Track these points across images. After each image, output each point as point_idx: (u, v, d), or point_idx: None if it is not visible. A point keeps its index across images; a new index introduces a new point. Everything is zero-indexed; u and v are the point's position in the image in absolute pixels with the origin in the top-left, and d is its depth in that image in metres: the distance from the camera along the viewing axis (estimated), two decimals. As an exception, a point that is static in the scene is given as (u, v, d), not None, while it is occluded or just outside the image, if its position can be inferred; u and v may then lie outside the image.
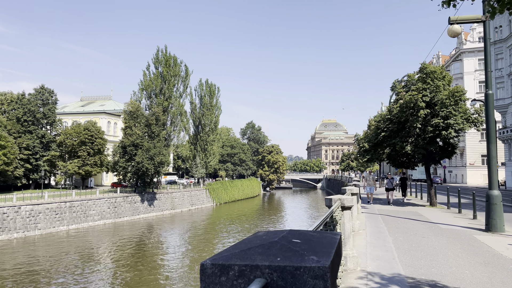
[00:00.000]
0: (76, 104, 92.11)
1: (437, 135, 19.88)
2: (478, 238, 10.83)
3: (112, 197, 48.44)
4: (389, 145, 22.15)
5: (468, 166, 63.68)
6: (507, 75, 47.01)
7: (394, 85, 23.36)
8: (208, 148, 74.30)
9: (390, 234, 11.51)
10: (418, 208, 21.22)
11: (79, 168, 57.08)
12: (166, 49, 63.11)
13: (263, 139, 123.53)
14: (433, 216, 16.98)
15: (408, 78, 22.26)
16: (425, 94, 19.37)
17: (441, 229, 12.92)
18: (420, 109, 19.06)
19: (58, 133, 61.70)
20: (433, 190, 21.89)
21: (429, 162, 21.59)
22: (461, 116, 19.17)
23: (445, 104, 19.05)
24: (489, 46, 12.32)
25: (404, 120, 20.35)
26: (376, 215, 17.40)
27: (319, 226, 3.34)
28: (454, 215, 17.46)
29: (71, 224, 42.78)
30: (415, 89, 19.76)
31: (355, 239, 10.24)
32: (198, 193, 67.25)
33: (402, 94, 21.66)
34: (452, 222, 14.88)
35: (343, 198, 6.22)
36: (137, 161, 50.35)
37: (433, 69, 20.00)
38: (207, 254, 33.61)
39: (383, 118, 22.59)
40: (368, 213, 18.51)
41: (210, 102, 76.33)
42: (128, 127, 53.22)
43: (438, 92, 19.44)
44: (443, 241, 10.39)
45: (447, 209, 20.23)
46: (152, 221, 50.75)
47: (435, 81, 19.57)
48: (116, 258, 31.98)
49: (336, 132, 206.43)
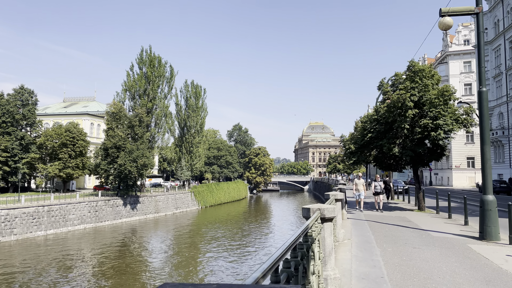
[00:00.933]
0: (58, 105, 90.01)
1: (425, 137, 19.10)
2: (473, 248, 10.00)
3: (93, 201, 46.95)
4: (376, 147, 21.28)
5: (454, 169, 63.71)
6: (492, 77, 47.00)
7: (381, 84, 22.26)
8: (194, 150, 73.12)
9: (378, 245, 10.57)
10: (406, 213, 20.45)
11: (60, 171, 55.44)
12: (150, 49, 61.93)
13: (250, 141, 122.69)
14: (422, 222, 16.19)
15: (396, 77, 21.28)
16: (413, 93, 18.54)
17: (433, 238, 12.11)
18: (408, 109, 18.26)
19: (38, 135, 59.95)
20: (421, 193, 21.09)
21: (417, 164, 20.79)
22: (451, 117, 18.39)
23: (434, 104, 18.26)
24: (482, 41, 11.65)
25: (392, 121, 19.51)
26: (363, 222, 16.49)
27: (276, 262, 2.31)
28: (444, 221, 16.73)
29: (49, 229, 41.23)
30: (403, 88, 18.92)
31: (339, 251, 9.29)
32: (183, 196, 65.95)
33: (390, 93, 20.86)
34: (443, 229, 14.12)
35: (324, 208, 5.27)
36: (119, 164, 48.97)
37: (422, 68, 19.19)
38: (190, 261, 32.53)
39: (370, 119, 21.76)
40: (355, 219, 17.63)
41: (196, 103, 75.22)
42: (110, 129, 51.83)
43: (426, 92, 18.62)
44: (436, 252, 9.50)
45: (436, 213, 19.46)
46: (134, 225, 49.38)
47: (424, 80, 18.75)
48: (94, 264, 30.68)
49: (323, 135, 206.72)
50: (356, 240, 11.34)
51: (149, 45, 62.36)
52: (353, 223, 15.92)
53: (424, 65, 19.59)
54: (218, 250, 36.50)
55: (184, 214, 62.65)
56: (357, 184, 21.33)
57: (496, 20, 45.12)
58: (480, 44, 11.61)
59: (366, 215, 19.14)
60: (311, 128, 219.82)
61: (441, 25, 11.80)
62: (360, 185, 21.09)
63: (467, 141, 63.45)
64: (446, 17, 11.72)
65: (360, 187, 21.08)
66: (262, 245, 38.81)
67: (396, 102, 18.51)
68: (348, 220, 16.80)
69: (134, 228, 47.56)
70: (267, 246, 38.46)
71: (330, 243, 5.52)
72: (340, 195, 10.67)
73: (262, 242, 40.69)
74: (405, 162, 21.06)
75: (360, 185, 21.09)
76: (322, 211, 5.16)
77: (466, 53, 63.55)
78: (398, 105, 18.60)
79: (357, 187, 21.33)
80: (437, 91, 18.71)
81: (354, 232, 13.18)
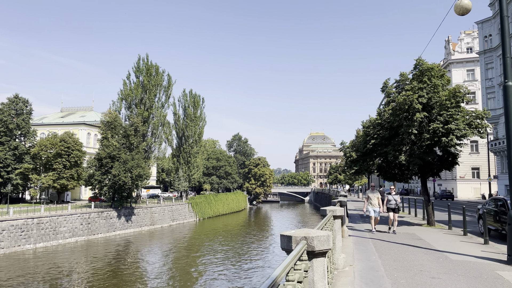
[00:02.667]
0: (55, 115, 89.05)
1: (435, 143, 17.16)
2: (505, 277, 8.23)
3: (86, 213, 45.34)
4: (379, 155, 19.32)
5: (459, 179, 62.09)
6: (498, 85, 45.62)
7: (385, 85, 20.26)
8: (192, 160, 71.63)
9: (388, 274, 8.71)
10: (414, 228, 18.48)
11: (54, 182, 54.04)
12: (147, 57, 60.83)
13: (249, 151, 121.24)
14: (435, 240, 14.24)
15: (401, 77, 19.31)
16: (421, 94, 16.70)
17: (453, 263, 10.20)
18: (415, 112, 16.41)
19: (32, 145, 58.68)
20: (430, 206, 19.05)
21: (426, 174, 18.83)
22: (463, 121, 16.66)
23: (445, 106, 16.51)
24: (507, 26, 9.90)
25: (397, 125, 17.64)
26: (367, 240, 14.47)
27: None
28: (460, 239, 14.83)
29: (39, 242, 39.60)
30: (410, 88, 17.11)
31: (338, 284, 7.41)
32: (180, 208, 64.27)
33: (395, 95, 19.06)
34: (461, 250, 12.18)
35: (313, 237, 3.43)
36: (113, 174, 47.48)
37: (430, 66, 17.35)
38: (185, 277, 30.85)
39: (373, 124, 19.79)
40: (357, 236, 15.54)
41: (194, 113, 73.94)
42: (104, 138, 50.47)
43: (436, 93, 16.86)
44: (461, 285, 7.70)
45: (449, 229, 17.54)
46: (129, 238, 47.70)
47: (433, 79, 16.89)
48: (84, 280, 29.01)
49: (324, 145, 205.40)
50: (360, 267, 9.49)
51: (146, 54, 61.36)
52: (356, 242, 13.90)
53: (433, 64, 17.71)
54: (215, 265, 34.87)
55: (181, 226, 60.94)
56: (371, 198, 16.64)
57: (501, 26, 43.87)
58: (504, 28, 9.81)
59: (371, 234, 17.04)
60: (311, 138, 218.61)
61: (458, 8, 10.09)
62: (375, 198, 16.62)
63: (472, 151, 61.94)
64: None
65: (374, 201, 16.57)
66: (262, 260, 37.11)
67: (402, 104, 16.72)
68: (350, 238, 14.85)
69: (128, 241, 45.90)
70: (267, 260, 36.77)
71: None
72: (339, 211, 8.84)
73: (261, 257, 38.98)
74: (412, 172, 19.18)
75: (375, 199, 16.62)
76: (310, 241, 3.41)
77: (469, 61, 62.38)
78: (405, 108, 16.81)
79: (371, 201, 16.61)
80: (448, 92, 17.03)
81: (357, 256, 11.22)
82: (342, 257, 9.15)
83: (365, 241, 14.36)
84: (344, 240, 13.97)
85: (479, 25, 46.64)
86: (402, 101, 16.75)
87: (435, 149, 18.12)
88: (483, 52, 46.24)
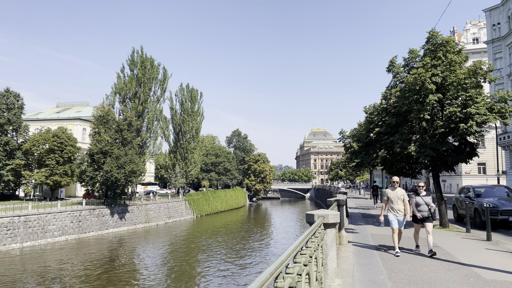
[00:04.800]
0: (51, 110, 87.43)
1: (451, 130, 14.55)
2: None
3: (76, 210, 43.55)
4: (384, 145, 16.71)
5: (464, 175, 60.07)
6: (506, 75, 43.50)
7: (391, 64, 17.09)
8: (189, 156, 69.77)
9: None
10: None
11: (46, 178, 52.35)
12: (142, 50, 58.92)
13: (249, 147, 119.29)
14: (456, 249, 11.74)
15: (411, 54, 16.32)
16: (435, 72, 14.05)
17: (488, 284, 7.75)
18: (428, 94, 13.83)
19: (24, 140, 56.95)
20: (444, 205, 16.42)
21: (438, 167, 16.16)
22: (484, 104, 14.12)
23: (463, 87, 13.84)
24: None
25: (406, 110, 15.10)
26: (372, 252, 11.42)
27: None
28: (485, 245, 12.39)
29: (26, 241, 37.85)
30: (422, 66, 14.47)
31: None
32: (176, 205, 62.45)
33: (403, 75, 16.52)
34: (493, 263, 9.56)
35: None
36: (105, 170, 45.66)
37: (446, 39, 14.67)
38: (180, 276, 29.06)
39: (377, 109, 17.20)
40: (359, 244, 12.54)
41: (192, 107, 72.03)
42: (96, 133, 48.64)
43: (453, 71, 14.14)
44: None
45: (467, 232, 15.13)
46: (122, 236, 45.95)
47: (449, 55, 14.17)
48: (72, 281, 27.23)
49: (325, 141, 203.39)
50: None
51: (140, 46, 59.46)
52: (357, 253, 11.09)
53: (449, 37, 14.90)
54: (212, 263, 33.19)
55: (178, 223, 59.17)
56: (392, 200, 11.04)
57: (510, 13, 41.73)
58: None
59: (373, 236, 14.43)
60: (313, 134, 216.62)
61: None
62: (398, 201, 10.97)
63: (478, 145, 59.88)
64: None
65: (398, 205, 10.94)
66: (260, 258, 35.31)
67: (413, 84, 14.07)
68: (350, 247, 12.02)
69: (122, 239, 44.17)
70: (267, 259, 34.97)
71: None
72: (333, 217, 6.25)
73: (260, 255, 37.18)
74: (422, 165, 16.77)
75: (398, 202, 10.96)
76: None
77: (476, 52, 60.14)
78: (415, 89, 14.22)
79: (393, 205, 11.03)
80: (467, 69, 14.32)
81: (359, 275, 8.41)
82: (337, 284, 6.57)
83: (369, 251, 11.54)
84: (342, 249, 11.49)
85: (487, 13, 44.50)
86: (412, 81, 14.11)
87: (449, 139, 15.59)
88: (491, 41, 44.10)
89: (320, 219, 5.69)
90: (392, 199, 10.95)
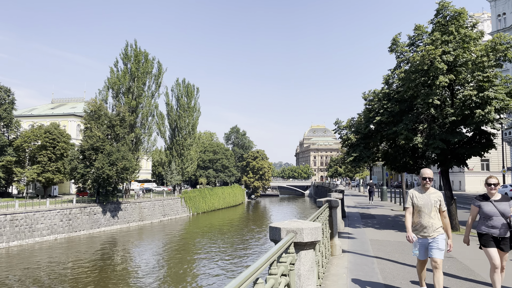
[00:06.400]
0: (45, 106, 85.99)
1: (465, 118, 12.34)
2: None
3: (66, 208, 42.06)
4: (386, 137, 14.71)
5: (467, 172, 58.56)
6: (512, 68, 41.99)
7: (394, 43, 14.78)
8: (185, 153, 68.22)
9: None
10: None
11: (38, 175, 50.94)
12: (136, 43, 57.27)
13: (248, 144, 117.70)
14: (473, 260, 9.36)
15: (417, 31, 14.04)
16: (446, 50, 12.01)
17: None
18: (438, 75, 11.81)
19: (16, 137, 55.49)
20: (454, 206, 14.15)
21: (449, 161, 13.88)
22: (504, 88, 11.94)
23: (480, 66, 11.69)
24: None
25: (412, 96, 13.07)
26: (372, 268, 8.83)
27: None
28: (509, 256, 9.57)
29: (13, 241, 36.41)
30: (431, 42, 12.43)
31: None
32: (171, 202, 60.98)
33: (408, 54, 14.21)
34: None
35: None
36: (96, 167, 44.16)
37: (459, 11, 12.49)
38: (172, 278, 27.60)
39: (378, 95, 15.14)
40: (356, 254, 10.42)
41: (188, 103, 70.40)
42: (87, 129, 47.12)
43: (466, 48, 12.06)
44: None
45: None
46: (114, 235, 44.51)
47: (461, 30, 12.12)
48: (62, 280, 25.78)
49: (325, 138, 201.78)
50: None
51: (134, 39, 57.79)
52: (353, 268, 8.68)
53: (462, 8, 12.56)
54: (207, 263, 31.81)
55: (173, 221, 57.73)
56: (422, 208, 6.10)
57: (516, 3, 40.21)
58: None
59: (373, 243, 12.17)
60: (312, 131, 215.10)
61: None
62: (432, 209, 6.07)
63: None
64: None
65: (431, 218, 6.06)
66: (257, 256, 33.85)
67: (420, 64, 12.04)
68: (344, 259, 9.65)
69: (114, 238, 42.75)
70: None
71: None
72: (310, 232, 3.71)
73: (257, 254, 35.73)
74: (429, 160, 14.69)
75: (432, 211, 6.07)
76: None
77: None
78: (423, 69, 12.25)
79: (423, 215, 6.08)
80: (484, 45, 12.15)
81: None
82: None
83: (368, 267, 8.90)
84: (335, 262, 9.21)
85: (492, 3, 42.90)
86: (419, 60, 12.09)
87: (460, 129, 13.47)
88: (496, 32, 42.50)
89: (289, 236, 3.48)
90: (421, 208, 5.99)
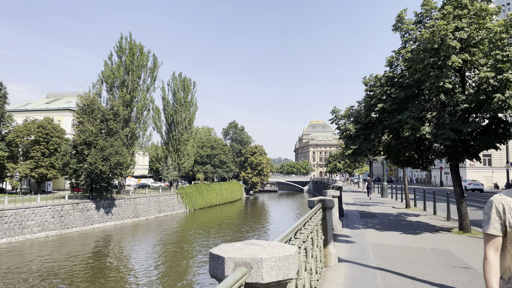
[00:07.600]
0: (40, 101, 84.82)
1: (480, 104, 10.77)
2: None
3: (58, 205, 40.95)
4: (389, 127, 13.11)
5: (468, 167, 57.50)
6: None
7: (399, 19, 13.02)
8: (182, 148, 67.07)
9: None
10: (443, 237, 12.21)
11: (31, 171, 49.87)
12: (130, 36, 55.98)
13: (246, 139, 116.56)
14: None
15: (425, 6, 12.46)
16: (459, 25, 10.57)
17: None
18: (451, 54, 10.34)
19: (8, 131, 54.31)
20: (464, 204, 12.80)
21: (459, 154, 12.16)
22: None
23: (498, 45, 10.33)
24: None
25: (419, 79, 11.51)
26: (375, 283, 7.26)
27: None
28: None
29: (2, 238, 35.36)
30: (441, 17, 10.96)
31: None
32: (167, 198, 59.89)
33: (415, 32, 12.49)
34: None
35: None
36: (89, 162, 43.01)
37: None
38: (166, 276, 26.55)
39: (380, 80, 13.55)
40: (354, 264, 8.74)
41: (184, 97, 69.14)
42: (80, 123, 45.94)
43: (481, 24, 10.69)
44: None
45: None
46: (108, 231, 43.46)
47: (476, 3, 10.76)
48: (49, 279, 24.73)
49: (324, 133, 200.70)
50: None
51: (129, 32, 56.43)
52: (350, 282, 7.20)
53: None
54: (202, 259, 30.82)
55: (169, 218, 56.67)
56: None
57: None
58: None
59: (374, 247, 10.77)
60: (311, 126, 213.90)
61: None
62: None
63: (482, 136, 57.30)
64: None
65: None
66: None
67: (429, 42, 10.53)
68: (341, 271, 7.94)
69: (107, 234, 41.71)
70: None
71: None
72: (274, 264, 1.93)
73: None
74: (437, 153, 13.08)
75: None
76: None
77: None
78: (433, 48, 10.74)
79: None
80: (502, 21, 10.78)
81: None
82: None
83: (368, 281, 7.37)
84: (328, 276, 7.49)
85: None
86: (428, 38, 10.55)
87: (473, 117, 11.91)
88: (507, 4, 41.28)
89: (237, 273, 1.85)
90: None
